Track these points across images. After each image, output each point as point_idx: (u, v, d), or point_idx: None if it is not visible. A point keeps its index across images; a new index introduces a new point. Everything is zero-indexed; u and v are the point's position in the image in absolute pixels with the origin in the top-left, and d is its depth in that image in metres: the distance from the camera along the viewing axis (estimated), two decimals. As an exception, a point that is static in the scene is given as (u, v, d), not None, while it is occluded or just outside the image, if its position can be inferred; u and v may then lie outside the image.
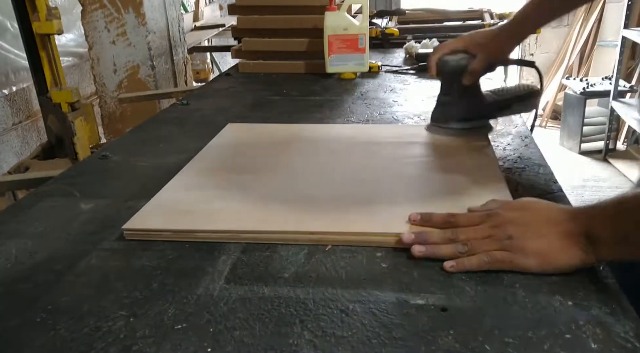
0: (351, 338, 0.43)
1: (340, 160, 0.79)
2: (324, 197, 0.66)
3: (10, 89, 1.98)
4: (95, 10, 1.90)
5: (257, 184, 0.70)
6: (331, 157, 0.81)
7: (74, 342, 0.44)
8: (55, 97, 1.60)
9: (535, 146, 0.83)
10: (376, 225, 0.58)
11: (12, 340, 0.44)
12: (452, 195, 0.65)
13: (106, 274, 0.53)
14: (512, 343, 0.42)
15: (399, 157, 0.79)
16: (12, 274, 0.54)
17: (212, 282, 0.51)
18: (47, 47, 1.60)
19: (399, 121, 0.99)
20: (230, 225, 0.59)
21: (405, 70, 1.38)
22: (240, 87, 1.32)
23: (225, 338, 0.43)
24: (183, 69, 2.26)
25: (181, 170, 0.75)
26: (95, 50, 1.96)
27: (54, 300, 0.49)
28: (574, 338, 0.42)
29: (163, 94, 1.92)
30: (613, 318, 0.44)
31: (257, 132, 0.93)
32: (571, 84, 3.48)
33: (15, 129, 2.02)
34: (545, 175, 0.72)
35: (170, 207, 0.64)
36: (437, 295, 0.48)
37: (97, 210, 0.67)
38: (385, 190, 0.67)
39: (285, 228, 0.58)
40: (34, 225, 0.64)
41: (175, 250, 0.57)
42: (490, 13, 1.83)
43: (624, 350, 0.40)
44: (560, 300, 0.46)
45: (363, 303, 0.47)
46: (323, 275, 0.51)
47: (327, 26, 1.29)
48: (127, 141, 0.94)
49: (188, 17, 3.12)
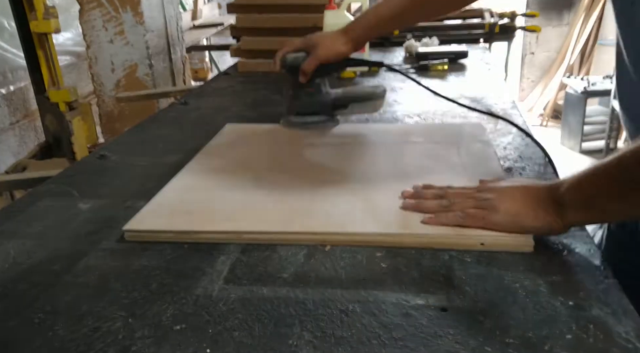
0: (351, 339, 0.43)
1: (340, 160, 0.79)
2: (324, 196, 0.66)
3: (8, 88, 1.98)
4: (92, 9, 1.90)
5: (257, 184, 0.70)
6: (331, 156, 0.80)
7: (72, 342, 0.43)
8: (52, 97, 1.60)
9: (535, 145, 0.83)
10: (376, 225, 0.58)
11: (10, 341, 0.44)
12: None
13: (105, 274, 0.53)
14: (512, 344, 0.41)
15: (398, 155, 0.78)
16: (10, 275, 0.54)
17: (211, 282, 0.51)
18: (44, 46, 1.59)
19: (399, 120, 0.98)
20: (232, 226, 0.59)
21: (405, 69, 1.38)
22: (239, 86, 1.31)
23: (224, 338, 0.43)
24: (181, 68, 2.25)
25: (181, 171, 0.75)
26: (93, 49, 1.95)
27: (52, 300, 0.49)
28: (575, 339, 0.42)
29: (161, 93, 1.92)
30: (614, 319, 0.44)
31: (256, 132, 0.93)
32: (572, 83, 3.48)
33: (12, 128, 2.02)
34: (546, 174, 0.72)
35: (171, 207, 0.64)
36: (437, 295, 0.48)
37: (96, 210, 0.67)
38: (384, 189, 0.67)
39: (289, 229, 0.58)
40: (32, 225, 0.63)
41: (174, 250, 0.57)
42: (491, 12, 1.83)
43: (625, 350, 0.40)
44: (561, 300, 0.46)
45: (363, 303, 0.47)
46: (322, 275, 0.51)
47: (326, 25, 1.29)
48: (125, 141, 0.93)
49: (186, 16, 3.12)
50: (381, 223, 0.58)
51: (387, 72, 1.37)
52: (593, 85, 3.36)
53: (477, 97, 1.09)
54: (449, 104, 0.89)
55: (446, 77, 1.29)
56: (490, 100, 1.07)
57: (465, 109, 0.91)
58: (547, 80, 4.04)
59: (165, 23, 2.11)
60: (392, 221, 0.58)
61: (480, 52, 1.56)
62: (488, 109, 1.01)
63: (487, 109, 1.00)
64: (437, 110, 1.02)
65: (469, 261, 0.52)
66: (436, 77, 1.29)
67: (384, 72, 1.37)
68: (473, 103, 1.05)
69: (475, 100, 1.07)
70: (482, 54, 1.53)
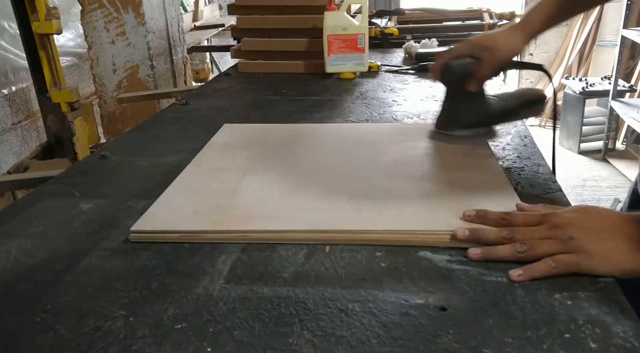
0: (350, 338, 0.43)
1: (340, 160, 0.79)
2: (325, 195, 0.66)
3: (10, 89, 1.98)
4: (94, 10, 1.90)
5: (259, 184, 0.71)
6: (331, 156, 0.81)
7: (73, 341, 0.44)
8: (54, 97, 1.60)
9: (534, 145, 0.83)
10: (383, 222, 0.58)
11: (11, 340, 0.44)
12: (457, 194, 0.65)
13: (106, 274, 0.53)
14: (511, 343, 0.42)
15: (400, 156, 0.79)
16: (12, 274, 0.54)
17: (212, 281, 0.51)
18: (46, 47, 1.59)
19: (398, 121, 0.99)
20: (238, 225, 0.59)
21: (404, 70, 1.38)
22: (239, 87, 1.32)
23: (224, 337, 0.43)
24: (182, 69, 2.26)
25: (182, 172, 0.75)
26: (95, 50, 1.96)
27: (54, 299, 0.49)
28: (573, 338, 0.42)
29: (162, 94, 1.92)
30: (612, 318, 0.44)
31: (254, 132, 0.93)
32: (570, 84, 3.49)
33: (14, 128, 2.02)
34: (544, 174, 0.72)
35: (176, 208, 0.64)
36: (436, 295, 0.48)
37: (97, 210, 0.67)
38: (388, 188, 0.67)
39: (294, 227, 0.59)
40: (34, 225, 0.64)
41: (174, 249, 0.57)
42: (490, 13, 1.83)
43: (623, 349, 0.41)
44: (560, 300, 0.46)
45: (362, 302, 0.47)
46: (322, 275, 0.51)
47: (326, 26, 1.29)
48: (127, 141, 0.94)
49: (187, 17, 3.12)
50: (388, 221, 0.59)
51: (386, 73, 1.37)
52: (592, 86, 3.36)
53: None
54: None
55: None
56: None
57: None
58: (545, 81, 4.04)
59: (167, 24, 2.12)
60: (400, 218, 0.59)
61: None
62: None
63: None
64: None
65: (468, 261, 0.53)
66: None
67: (383, 73, 1.37)
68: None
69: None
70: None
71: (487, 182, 0.68)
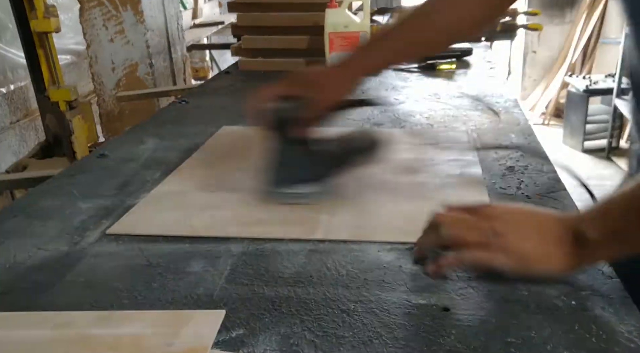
0: (352, 339, 0.42)
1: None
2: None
3: (8, 88, 1.98)
4: (93, 8, 1.89)
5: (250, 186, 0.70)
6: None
7: (72, 342, 0.43)
8: (53, 96, 1.60)
9: (537, 143, 0.83)
10: (373, 231, 0.59)
11: (10, 341, 0.44)
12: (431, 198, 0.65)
13: (105, 274, 0.53)
14: (514, 343, 0.41)
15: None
16: (11, 274, 0.53)
17: (213, 281, 0.51)
18: (44, 45, 1.59)
19: (400, 119, 0.98)
20: (222, 231, 0.59)
21: (406, 68, 1.38)
22: (240, 85, 1.31)
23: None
24: (182, 67, 2.25)
25: (170, 174, 0.75)
26: (93, 48, 1.95)
27: (53, 300, 0.49)
28: (577, 338, 0.42)
29: (162, 92, 1.91)
30: (617, 318, 0.43)
31: (251, 136, 0.92)
32: (574, 82, 3.47)
33: (13, 127, 2.02)
34: (548, 173, 0.72)
35: (159, 209, 0.64)
36: (439, 295, 0.47)
37: (96, 209, 0.66)
38: (382, 193, 0.67)
39: (285, 235, 0.58)
40: (33, 225, 0.63)
41: (175, 249, 0.56)
42: (490, 10, 1.82)
43: (628, 349, 0.40)
44: (564, 300, 0.46)
45: (364, 303, 0.47)
46: (324, 275, 0.51)
47: (327, 23, 1.29)
48: (126, 140, 0.93)
49: (187, 15, 3.11)
50: (382, 230, 0.59)
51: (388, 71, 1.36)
52: (595, 83, 3.34)
53: (479, 95, 1.08)
54: (448, 104, 0.88)
55: (452, 76, 1.29)
56: (492, 98, 1.06)
57: (464, 107, 0.89)
58: (549, 79, 4.03)
59: (166, 22, 2.11)
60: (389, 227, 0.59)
61: (482, 50, 1.56)
62: (490, 107, 1.00)
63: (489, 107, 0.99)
64: (438, 109, 1.02)
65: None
66: (442, 76, 1.29)
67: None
68: (475, 102, 1.04)
69: (477, 98, 1.07)
70: (484, 53, 1.52)
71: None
